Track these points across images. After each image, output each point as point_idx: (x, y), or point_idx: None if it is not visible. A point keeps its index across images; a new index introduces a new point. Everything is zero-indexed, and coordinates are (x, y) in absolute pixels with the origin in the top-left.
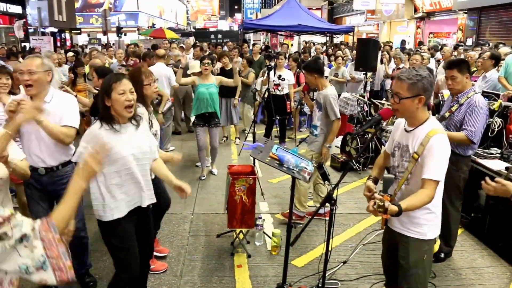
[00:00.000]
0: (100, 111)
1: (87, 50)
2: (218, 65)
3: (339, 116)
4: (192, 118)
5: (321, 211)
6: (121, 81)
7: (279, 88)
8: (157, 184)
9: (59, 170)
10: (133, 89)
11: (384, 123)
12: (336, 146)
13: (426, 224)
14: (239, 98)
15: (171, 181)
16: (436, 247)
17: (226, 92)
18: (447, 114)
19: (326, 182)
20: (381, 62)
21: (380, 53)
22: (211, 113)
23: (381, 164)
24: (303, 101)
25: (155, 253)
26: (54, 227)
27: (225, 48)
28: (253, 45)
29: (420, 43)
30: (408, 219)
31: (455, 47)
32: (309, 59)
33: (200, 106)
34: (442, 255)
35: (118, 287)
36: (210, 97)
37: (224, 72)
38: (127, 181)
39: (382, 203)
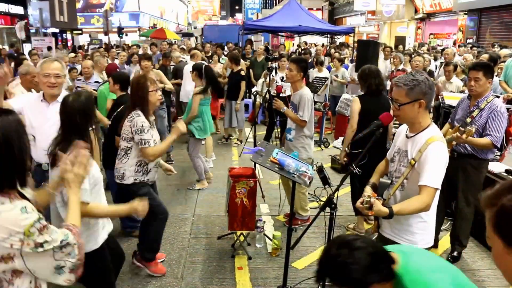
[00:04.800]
0: (75, 132)
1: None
2: (219, 65)
3: (306, 119)
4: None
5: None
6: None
7: (282, 89)
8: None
9: None
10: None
11: None
12: (336, 147)
13: (418, 233)
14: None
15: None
16: (445, 245)
17: (230, 94)
18: (468, 120)
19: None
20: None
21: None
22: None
23: (382, 171)
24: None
25: None
26: (80, 233)
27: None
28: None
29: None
30: (401, 226)
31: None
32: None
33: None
34: (455, 253)
35: None
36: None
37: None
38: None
39: (369, 199)
